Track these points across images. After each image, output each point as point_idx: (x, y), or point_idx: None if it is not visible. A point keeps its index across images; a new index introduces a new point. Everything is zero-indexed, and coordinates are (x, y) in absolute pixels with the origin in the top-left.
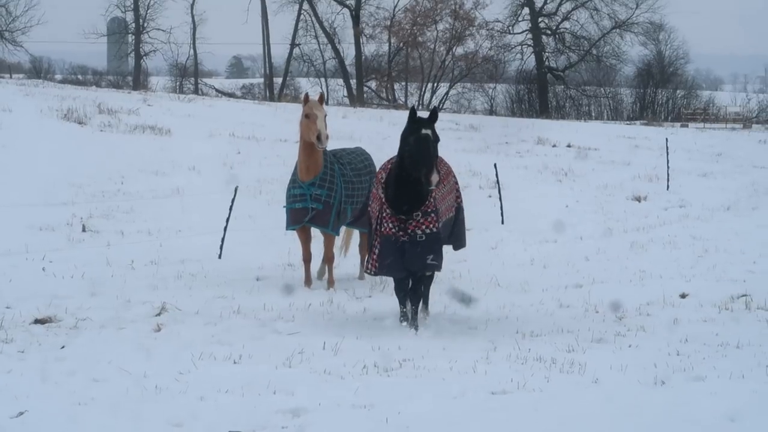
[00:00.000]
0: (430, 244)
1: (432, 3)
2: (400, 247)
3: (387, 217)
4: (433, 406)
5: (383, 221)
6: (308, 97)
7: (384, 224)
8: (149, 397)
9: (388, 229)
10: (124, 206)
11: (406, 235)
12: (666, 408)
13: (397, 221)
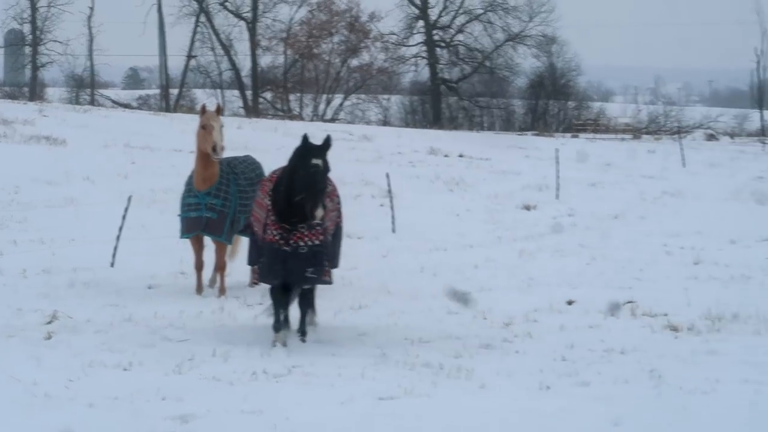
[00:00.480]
0: (311, 257)
1: (328, 16)
2: (282, 256)
3: (271, 224)
4: (321, 412)
5: (267, 228)
6: (205, 108)
7: (268, 231)
8: (39, 404)
9: (271, 237)
10: (18, 216)
11: (288, 245)
12: (551, 413)
13: (281, 229)
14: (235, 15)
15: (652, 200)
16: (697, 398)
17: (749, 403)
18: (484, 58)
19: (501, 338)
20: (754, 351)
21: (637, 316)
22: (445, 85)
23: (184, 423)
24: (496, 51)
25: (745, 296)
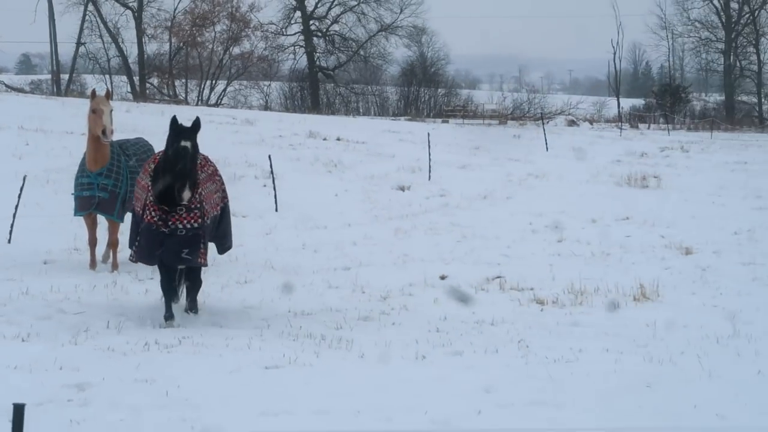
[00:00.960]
0: (188, 239)
1: (210, 6)
2: (159, 237)
3: (150, 204)
4: (210, 380)
5: (146, 209)
6: (95, 93)
7: (147, 212)
8: None
9: (150, 218)
10: None
11: (166, 227)
12: (427, 381)
13: (160, 211)
14: (121, 4)
15: (518, 182)
16: (562, 366)
17: (610, 371)
18: (358, 47)
19: (379, 311)
20: (613, 323)
21: (506, 290)
22: (322, 72)
23: (81, 391)
24: (369, 41)
25: (605, 271)
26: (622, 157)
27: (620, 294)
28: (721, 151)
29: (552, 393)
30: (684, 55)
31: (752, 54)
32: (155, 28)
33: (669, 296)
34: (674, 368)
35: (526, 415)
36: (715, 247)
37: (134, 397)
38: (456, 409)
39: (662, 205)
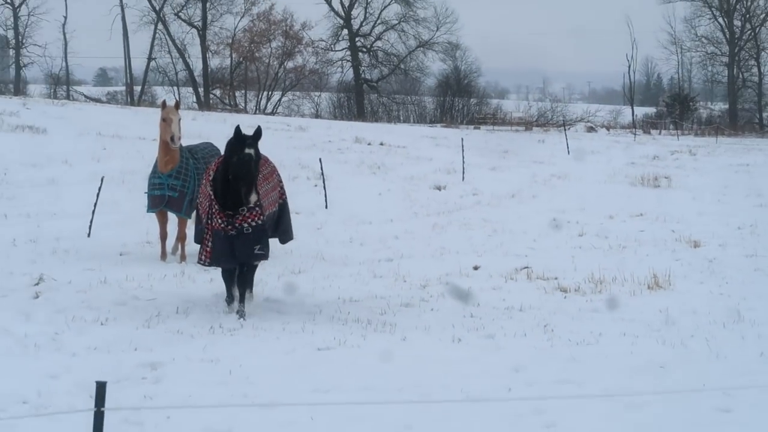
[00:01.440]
0: (256, 235)
1: (266, 25)
2: (230, 239)
3: (216, 212)
4: (268, 360)
5: (213, 217)
6: (165, 104)
7: (214, 219)
8: (30, 353)
9: (218, 225)
10: (7, 194)
11: (233, 228)
12: (462, 361)
13: (225, 216)
14: (187, 23)
15: (542, 182)
16: (584, 348)
17: (627, 353)
18: (399, 61)
19: (419, 298)
20: (630, 309)
21: (532, 279)
22: (366, 84)
23: (154, 369)
24: (409, 56)
25: (621, 263)
26: (636, 160)
27: (636, 283)
28: (726, 154)
29: (574, 372)
30: (692, 68)
31: (753, 67)
32: (218, 45)
33: (679, 285)
34: (685, 350)
35: (551, 392)
36: (721, 240)
37: (201, 375)
38: (488, 387)
39: (672, 202)
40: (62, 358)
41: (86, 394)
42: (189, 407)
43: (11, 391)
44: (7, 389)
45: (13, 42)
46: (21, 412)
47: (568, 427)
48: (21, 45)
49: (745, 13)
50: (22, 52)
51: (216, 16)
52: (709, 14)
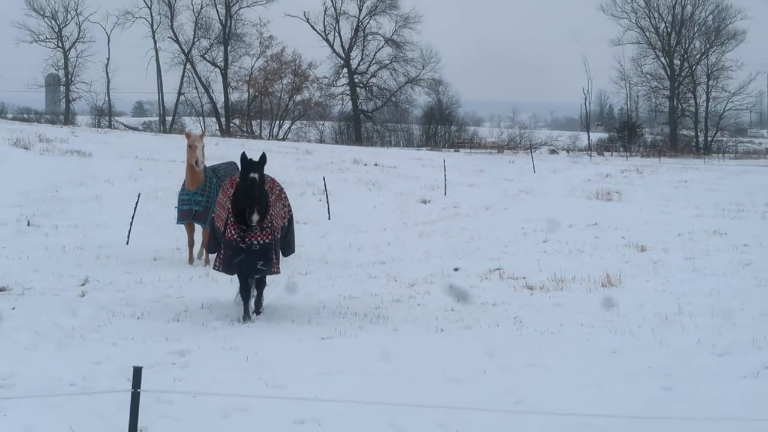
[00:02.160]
0: (262, 253)
1: (278, 64)
2: (238, 251)
3: (231, 224)
4: (280, 348)
5: (228, 227)
6: (191, 133)
7: (228, 230)
8: (76, 343)
9: (231, 235)
10: (58, 207)
11: (243, 243)
12: (444, 348)
13: (239, 229)
14: (212, 64)
15: (512, 196)
16: (548, 337)
17: (585, 340)
18: (391, 95)
19: (407, 295)
20: (587, 303)
21: (504, 279)
22: (363, 114)
23: (182, 356)
24: (399, 90)
25: (580, 264)
26: (591, 177)
27: (591, 282)
28: (668, 172)
29: (540, 357)
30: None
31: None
32: (237, 82)
33: (629, 283)
34: (633, 338)
35: (521, 373)
36: (664, 245)
37: (222, 361)
38: (466, 370)
39: (623, 213)
40: (104, 347)
41: (124, 377)
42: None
43: (61, 375)
44: (57, 373)
45: (63, 80)
46: (69, 392)
47: (535, 403)
48: (70, 82)
49: (683, 53)
50: (71, 88)
51: (236, 58)
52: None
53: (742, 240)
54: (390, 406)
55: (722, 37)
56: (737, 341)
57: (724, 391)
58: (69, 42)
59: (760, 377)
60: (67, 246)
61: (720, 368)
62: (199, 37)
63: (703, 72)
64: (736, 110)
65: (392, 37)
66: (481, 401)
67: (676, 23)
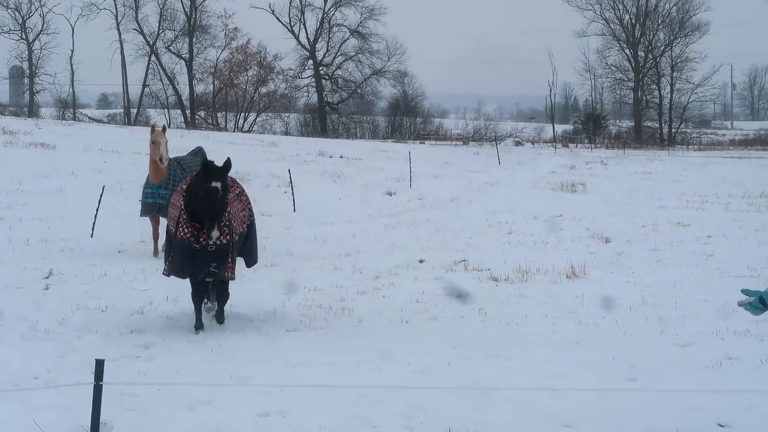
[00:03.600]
0: (217, 254)
1: (244, 56)
2: (191, 253)
3: (183, 222)
4: (245, 340)
5: (179, 226)
6: (154, 128)
7: (180, 229)
8: (40, 336)
9: (183, 234)
10: (22, 200)
11: (198, 243)
12: (408, 339)
13: (192, 228)
14: (177, 56)
15: (477, 188)
16: (512, 328)
17: (549, 332)
18: (356, 87)
19: (372, 287)
20: (551, 295)
21: (469, 270)
22: (329, 106)
23: (147, 349)
24: (364, 82)
25: (544, 256)
26: (556, 169)
27: (556, 273)
28: (632, 164)
29: (504, 348)
30: (603, 92)
31: (655, 90)
32: (202, 74)
33: (593, 274)
34: (597, 329)
35: (485, 365)
36: (628, 237)
37: (187, 353)
38: (431, 362)
39: (587, 205)
40: (68, 340)
41: (89, 370)
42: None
43: (25, 369)
44: (21, 367)
45: (27, 72)
46: (33, 385)
47: (500, 394)
48: (34, 74)
49: (647, 45)
50: (35, 80)
51: (201, 49)
52: (618, 46)
53: (705, 231)
54: (355, 397)
55: (686, 29)
56: (700, 332)
57: (687, 381)
58: (33, 34)
59: (723, 367)
60: (31, 239)
61: (683, 358)
62: (164, 28)
63: (668, 64)
64: (700, 102)
65: (358, 29)
66: (446, 393)
67: (640, 15)
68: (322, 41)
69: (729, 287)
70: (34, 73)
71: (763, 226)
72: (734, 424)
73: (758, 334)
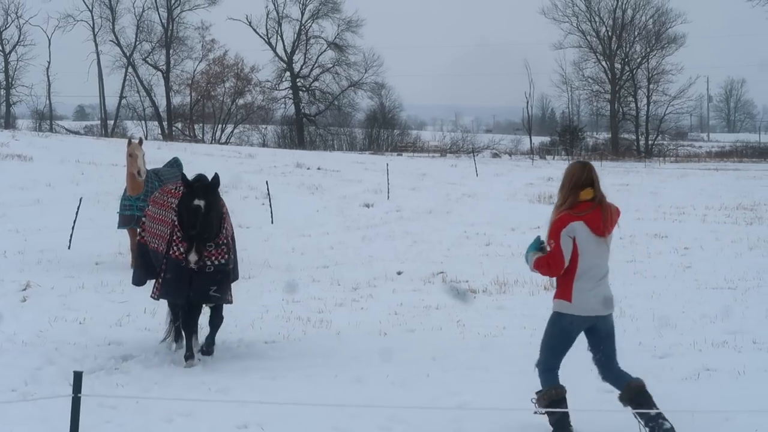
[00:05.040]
0: (216, 275)
1: (221, 68)
2: (187, 274)
3: (177, 240)
4: (223, 352)
5: (173, 244)
6: (131, 140)
7: (173, 247)
8: (18, 349)
9: (178, 253)
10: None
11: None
12: (387, 351)
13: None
14: (153, 67)
15: (455, 200)
16: (490, 340)
17: (526, 343)
18: (333, 98)
19: (351, 299)
20: (529, 306)
21: (447, 282)
22: (306, 118)
23: (125, 361)
24: (342, 94)
25: (522, 268)
26: (534, 181)
27: (534, 285)
28: (609, 175)
29: (483, 360)
30: (580, 104)
31: (631, 102)
32: (179, 85)
33: None
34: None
35: (463, 376)
36: None
37: (165, 366)
38: (410, 373)
39: None
40: (46, 352)
41: (66, 382)
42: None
43: (2, 381)
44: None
45: (3, 83)
46: (10, 398)
47: (479, 404)
48: (11, 86)
49: (624, 57)
50: (11, 92)
51: (178, 61)
52: (594, 58)
53: (682, 243)
54: (334, 409)
55: (662, 41)
56: (678, 343)
57: (665, 392)
58: (9, 45)
59: (701, 379)
60: (8, 251)
61: (661, 370)
62: (141, 40)
63: (644, 76)
64: (676, 114)
65: (335, 41)
66: (424, 404)
67: (617, 27)
68: (299, 53)
69: (706, 299)
70: (10, 85)
71: (739, 237)
72: None
73: (736, 345)
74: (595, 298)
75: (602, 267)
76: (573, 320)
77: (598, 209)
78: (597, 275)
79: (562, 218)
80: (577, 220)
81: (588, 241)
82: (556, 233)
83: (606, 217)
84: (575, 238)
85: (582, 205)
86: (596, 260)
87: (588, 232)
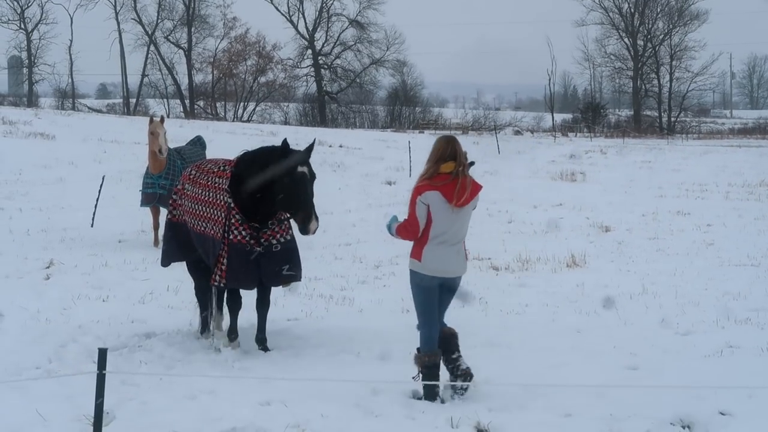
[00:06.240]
0: (285, 253)
1: (242, 46)
2: (255, 258)
3: (237, 224)
4: (247, 330)
5: (232, 229)
6: (153, 119)
7: (233, 232)
8: (42, 326)
9: (241, 237)
10: (22, 190)
11: (259, 245)
12: (410, 328)
13: (250, 229)
14: (175, 45)
15: (477, 177)
16: (513, 317)
17: (549, 321)
18: (355, 76)
19: (373, 276)
20: (551, 284)
21: (469, 259)
22: (328, 95)
23: (148, 339)
24: (363, 71)
25: (545, 245)
26: (556, 158)
27: (556, 262)
28: (631, 153)
29: (505, 337)
30: (602, 81)
31: (654, 79)
32: (201, 63)
33: (593, 263)
34: (598, 318)
35: (486, 353)
36: (628, 226)
37: (188, 344)
38: None
39: (587, 194)
40: (70, 330)
41: (90, 360)
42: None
43: (26, 358)
44: (22, 356)
45: (26, 62)
46: (34, 375)
47: (500, 381)
48: (33, 64)
49: (646, 34)
50: (34, 70)
51: (200, 39)
52: (617, 35)
53: (705, 220)
54: (356, 386)
55: (685, 18)
56: (701, 320)
57: (688, 369)
58: (31, 24)
59: (724, 356)
60: (31, 229)
61: (684, 347)
62: (163, 18)
63: (667, 52)
64: (699, 90)
65: (356, 18)
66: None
67: (639, 3)
68: (320, 31)
69: (729, 276)
70: (33, 63)
71: (762, 214)
72: (735, 413)
73: (759, 322)
74: (442, 260)
75: (456, 234)
76: (422, 278)
77: (455, 181)
78: (449, 240)
79: (419, 188)
80: (433, 189)
81: (442, 210)
82: (413, 200)
83: (459, 190)
84: (429, 205)
85: (441, 176)
86: (449, 227)
87: (443, 202)
